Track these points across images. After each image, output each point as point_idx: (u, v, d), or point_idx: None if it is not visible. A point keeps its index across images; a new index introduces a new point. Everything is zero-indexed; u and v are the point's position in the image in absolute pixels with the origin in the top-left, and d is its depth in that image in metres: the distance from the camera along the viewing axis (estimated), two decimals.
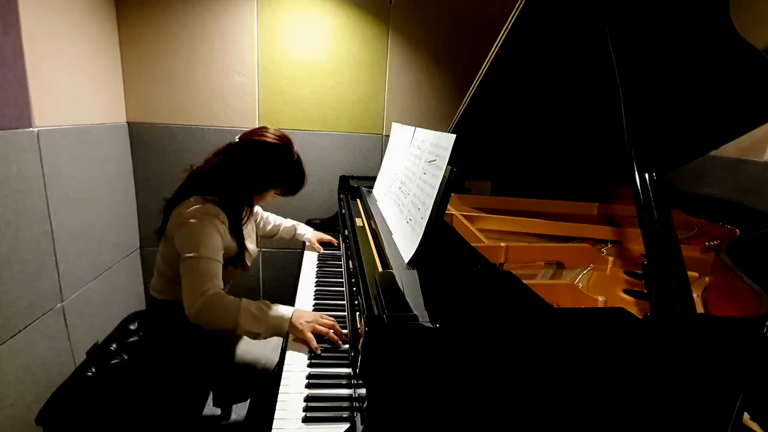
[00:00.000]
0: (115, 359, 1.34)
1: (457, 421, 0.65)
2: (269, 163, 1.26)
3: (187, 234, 1.15)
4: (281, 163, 1.28)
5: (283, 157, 1.27)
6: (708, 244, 1.37)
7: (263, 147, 1.24)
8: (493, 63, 1.13)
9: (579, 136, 1.49)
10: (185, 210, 1.18)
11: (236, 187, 1.25)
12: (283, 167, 1.29)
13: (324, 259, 1.70)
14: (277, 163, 1.27)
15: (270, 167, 1.27)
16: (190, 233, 1.15)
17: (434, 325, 0.64)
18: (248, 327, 1.09)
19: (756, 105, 1.18)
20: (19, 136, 1.35)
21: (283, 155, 1.27)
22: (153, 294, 1.33)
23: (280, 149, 1.26)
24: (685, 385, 0.69)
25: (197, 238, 1.13)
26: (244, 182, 1.26)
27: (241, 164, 1.24)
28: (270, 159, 1.26)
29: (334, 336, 1.10)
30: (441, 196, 0.92)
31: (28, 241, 1.39)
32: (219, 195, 1.23)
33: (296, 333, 1.09)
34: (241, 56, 2.06)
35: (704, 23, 0.98)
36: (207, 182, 1.25)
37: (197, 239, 1.13)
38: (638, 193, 0.79)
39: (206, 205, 1.19)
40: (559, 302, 1.01)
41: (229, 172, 1.24)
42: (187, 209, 1.18)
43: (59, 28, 1.54)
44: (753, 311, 0.77)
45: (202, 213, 1.17)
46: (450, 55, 2.23)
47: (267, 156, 1.25)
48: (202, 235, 1.14)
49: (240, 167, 1.24)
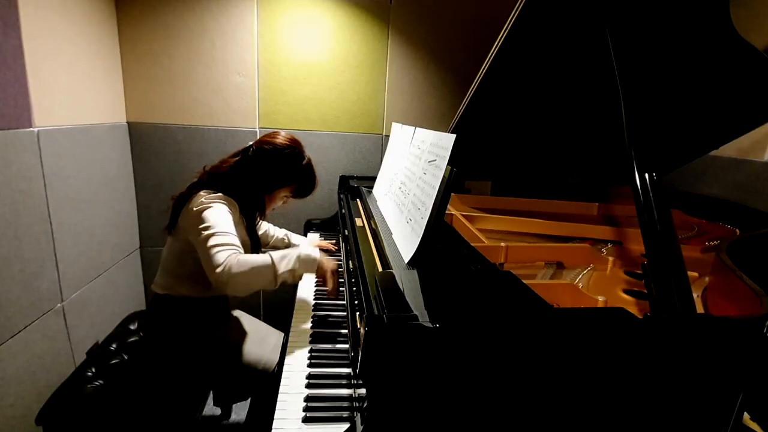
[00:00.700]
0: (115, 359, 1.34)
1: (457, 421, 0.65)
2: (278, 165, 1.31)
3: (203, 217, 1.17)
4: (290, 165, 1.33)
5: (291, 159, 1.33)
6: (708, 244, 1.37)
7: (273, 150, 1.30)
8: (493, 63, 1.13)
9: (579, 136, 1.49)
10: (198, 203, 1.21)
11: (247, 187, 1.30)
12: (292, 169, 1.34)
13: None
14: (285, 165, 1.32)
15: (279, 168, 1.32)
16: (206, 216, 1.17)
17: (434, 325, 0.64)
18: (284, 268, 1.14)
19: (756, 105, 1.18)
20: (19, 136, 1.35)
21: (292, 158, 1.33)
22: (155, 290, 1.34)
23: (288, 152, 1.32)
24: (685, 385, 0.69)
25: (214, 218, 1.16)
26: (255, 182, 1.30)
27: (253, 166, 1.29)
28: (279, 161, 1.31)
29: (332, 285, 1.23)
30: (441, 196, 0.92)
31: (28, 241, 1.39)
32: (231, 194, 1.27)
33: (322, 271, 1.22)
34: (241, 56, 2.06)
35: (704, 23, 0.98)
36: (220, 181, 1.29)
37: (214, 219, 1.16)
38: (638, 193, 0.79)
39: (218, 194, 1.24)
40: (559, 302, 1.01)
41: (241, 173, 1.29)
42: (200, 200, 1.21)
43: (59, 28, 1.54)
44: (753, 311, 0.77)
45: (217, 200, 1.21)
46: (450, 55, 2.23)
47: (276, 158, 1.30)
48: (218, 216, 1.17)
49: (252, 168, 1.29)
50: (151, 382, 1.26)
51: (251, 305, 2.35)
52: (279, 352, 1.30)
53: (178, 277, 1.30)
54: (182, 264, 1.27)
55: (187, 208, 1.24)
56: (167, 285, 1.31)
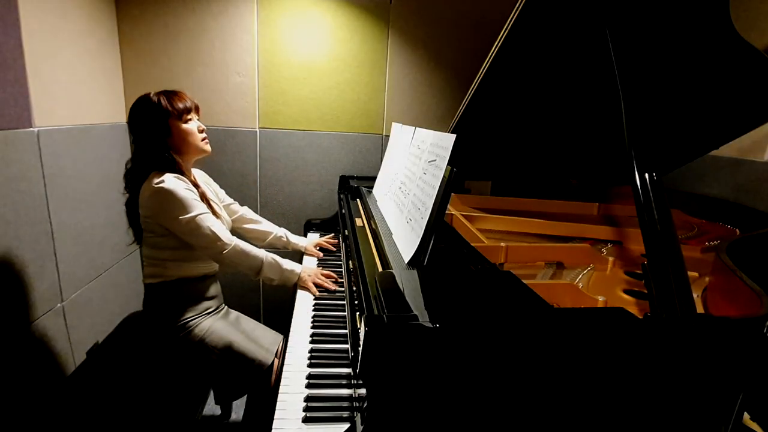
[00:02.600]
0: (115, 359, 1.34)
1: (457, 421, 0.65)
2: (147, 116, 1.30)
3: (164, 201, 1.23)
4: (149, 107, 1.30)
5: (146, 103, 1.30)
6: (708, 244, 1.37)
7: (133, 112, 1.31)
8: (493, 63, 1.13)
9: (579, 136, 1.49)
10: (146, 189, 1.25)
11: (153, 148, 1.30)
12: (153, 108, 1.30)
13: (324, 260, 1.70)
14: (148, 110, 1.30)
15: (148, 117, 1.30)
16: (167, 199, 1.23)
17: (434, 325, 0.64)
18: (269, 274, 1.37)
19: (756, 105, 1.18)
20: (19, 136, 1.35)
21: (145, 102, 1.30)
22: (147, 282, 1.37)
23: (141, 103, 1.31)
24: (686, 385, 0.69)
25: (178, 201, 1.24)
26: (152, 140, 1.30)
27: (139, 134, 1.32)
28: (142, 113, 1.30)
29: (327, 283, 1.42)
30: (441, 196, 0.92)
31: (28, 241, 1.39)
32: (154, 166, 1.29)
33: (302, 283, 1.42)
34: (241, 56, 2.06)
35: (704, 23, 0.98)
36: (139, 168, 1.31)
37: (179, 202, 1.24)
38: (638, 193, 0.79)
39: (154, 176, 1.26)
40: (559, 302, 1.01)
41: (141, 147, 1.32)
42: (147, 188, 1.25)
43: (59, 28, 1.54)
44: (753, 311, 0.77)
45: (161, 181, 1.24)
46: (450, 55, 2.22)
47: (140, 114, 1.30)
48: (180, 197, 1.24)
49: (140, 136, 1.32)
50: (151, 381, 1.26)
51: (251, 305, 2.35)
52: (274, 351, 1.36)
53: (162, 260, 1.34)
54: (164, 246, 1.33)
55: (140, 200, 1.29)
56: (156, 273, 1.35)
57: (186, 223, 1.24)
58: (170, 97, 1.31)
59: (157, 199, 1.24)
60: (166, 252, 1.33)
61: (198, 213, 1.26)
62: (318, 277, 1.44)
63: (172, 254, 1.33)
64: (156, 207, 1.25)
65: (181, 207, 1.24)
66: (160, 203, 1.24)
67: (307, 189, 2.27)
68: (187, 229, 1.25)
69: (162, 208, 1.25)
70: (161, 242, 1.32)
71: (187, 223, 1.24)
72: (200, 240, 1.27)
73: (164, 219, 1.26)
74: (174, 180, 1.26)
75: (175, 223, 1.25)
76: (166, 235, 1.30)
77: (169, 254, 1.33)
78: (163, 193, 1.23)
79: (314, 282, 1.42)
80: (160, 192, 1.23)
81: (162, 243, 1.32)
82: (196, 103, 1.38)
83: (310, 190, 2.27)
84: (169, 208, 1.24)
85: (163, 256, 1.33)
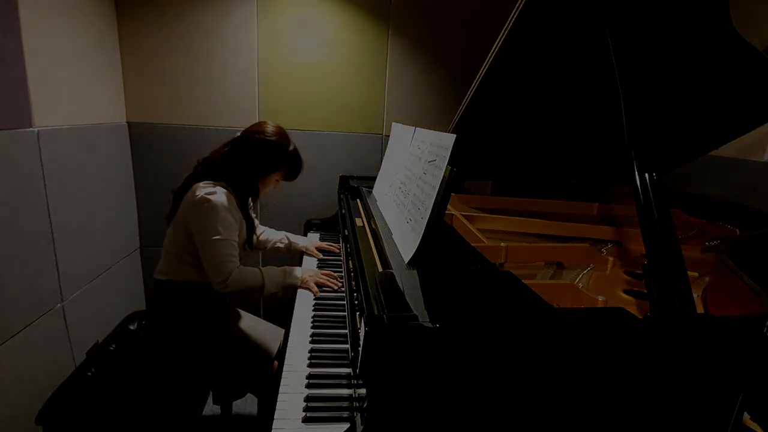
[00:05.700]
0: (115, 359, 1.34)
1: (457, 421, 0.65)
2: (268, 153, 1.38)
3: (204, 216, 1.25)
4: (279, 152, 1.39)
5: (280, 146, 1.39)
6: (708, 244, 1.37)
7: (262, 139, 1.36)
8: (493, 63, 1.13)
9: (579, 136, 1.49)
10: (198, 192, 1.27)
11: (241, 174, 1.36)
12: (281, 155, 1.40)
13: (324, 260, 1.70)
14: (274, 153, 1.39)
15: (269, 156, 1.38)
16: (207, 216, 1.25)
17: (434, 325, 0.64)
18: (272, 289, 1.37)
19: (756, 105, 1.18)
20: (19, 136, 1.35)
21: (280, 145, 1.39)
22: (159, 277, 1.37)
23: (276, 140, 1.38)
24: (686, 385, 0.69)
25: (215, 220, 1.25)
26: (247, 169, 1.37)
27: (244, 154, 1.36)
28: (269, 149, 1.37)
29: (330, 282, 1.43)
30: (441, 196, 0.92)
31: (28, 241, 1.39)
32: (226, 180, 1.34)
33: (303, 284, 1.42)
34: (241, 56, 2.06)
35: (704, 23, 0.98)
36: (214, 171, 1.35)
37: (215, 221, 1.25)
38: (638, 193, 0.79)
39: (217, 187, 1.29)
40: (559, 302, 1.01)
41: (233, 162, 1.36)
42: (199, 191, 1.27)
43: (59, 28, 1.54)
44: (753, 311, 0.77)
45: (215, 194, 1.27)
46: (450, 55, 2.22)
47: (266, 146, 1.37)
48: (219, 218, 1.26)
49: (243, 157, 1.36)
50: (151, 381, 1.27)
51: (251, 304, 2.34)
52: (278, 343, 1.39)
53: (181, 260, 1.34)
54: (184, 249, 1.33)
55: (187, 198, 1.30)
56: (171, 270, 1.35)
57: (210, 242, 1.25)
58: (297, 162, 1.45)
59: (200, 207, 1.25)
60: (186, 254, 1.33)
61: (223, 238, 1.26)
62: (319, 276, 1.45)
63: (192, 257, 1.33)
64: (194, 211, 1.27)
65: (213, 224, 1.25)
66: (198, 210, 1.25)
67: (307, 189, 2.27)
68: (207, 246, 1.26)
69: (197, 213, 1.26)
70: (185, 243, 1.32)
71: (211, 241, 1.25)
72: (210, 260, 1.26)
73: (193, 225, 1.27)
74: (223, 196, 1.27)
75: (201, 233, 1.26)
76: (191, 238, 1.30)
77: (189, 257, 1.33)
78: (206, 204, 1.25)
79: (316, 282, 1.43)
80: (205, 202, 1.25)
81: (185, 244, 1.32)
82: None
83: (310, 190, 2.27)
84: (202, 219, 1.25)
85: (182, 255, 1.34)
